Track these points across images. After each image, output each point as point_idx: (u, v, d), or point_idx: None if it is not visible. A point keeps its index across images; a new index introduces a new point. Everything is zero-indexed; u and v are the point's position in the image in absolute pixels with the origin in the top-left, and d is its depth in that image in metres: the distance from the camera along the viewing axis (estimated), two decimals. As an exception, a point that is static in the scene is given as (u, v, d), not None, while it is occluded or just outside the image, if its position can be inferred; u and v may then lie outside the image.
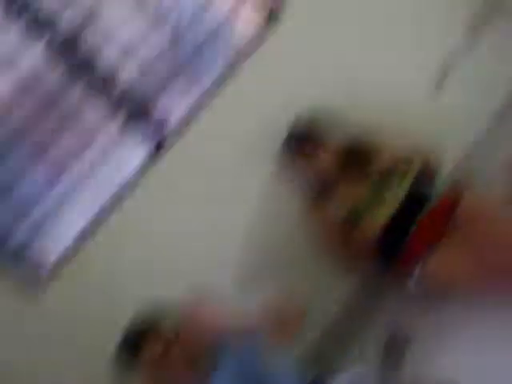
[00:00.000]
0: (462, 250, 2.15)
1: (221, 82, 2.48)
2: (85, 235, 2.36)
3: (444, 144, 2.45)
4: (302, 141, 2.42)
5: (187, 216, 2.45)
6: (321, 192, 2.45)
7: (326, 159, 2.38)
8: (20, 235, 2.31)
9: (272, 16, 2.50)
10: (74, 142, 2.38)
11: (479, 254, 2.08)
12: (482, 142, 2.69)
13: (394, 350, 2.26)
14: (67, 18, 2.29)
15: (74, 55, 2.32)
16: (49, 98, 2.33)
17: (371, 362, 2.22)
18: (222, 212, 2.50)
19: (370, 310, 2.56)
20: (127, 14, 2.39)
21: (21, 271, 2.29)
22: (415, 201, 2.30)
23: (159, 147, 2.45)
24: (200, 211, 2.47)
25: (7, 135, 2.29)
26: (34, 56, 2.28)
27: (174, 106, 2.47)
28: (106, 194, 2.41)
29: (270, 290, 2.19)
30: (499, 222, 2.15)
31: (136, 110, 2.42)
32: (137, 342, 1.85)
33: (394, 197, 2.32)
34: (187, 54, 2.46)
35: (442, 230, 2.22)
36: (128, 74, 2.39)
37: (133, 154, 2.47)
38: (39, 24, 2.26)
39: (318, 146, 2.39)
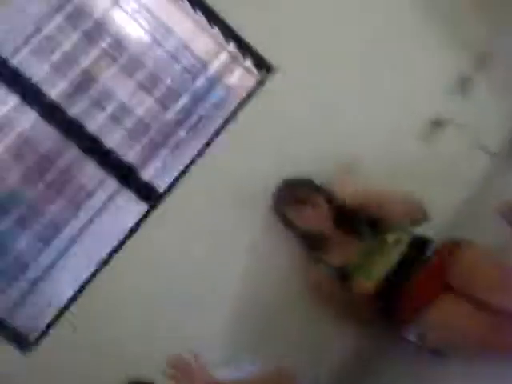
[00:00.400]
0: (459, 303, 2.09)
1: (211, 139, 2.48)
2: (76, 296, 2.33)
3: (436, 195, 2.41)
4: (293, 192, 2.37)
5: (179, 277, 2.42)
6: (313, 247, 2.41)
7: (317, 213, 2.32)
8: (12, 296, 2.29)
9: (263, 72, 2.51)
10: (66, 204, 2.39)
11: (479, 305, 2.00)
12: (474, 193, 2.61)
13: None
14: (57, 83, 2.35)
15: (64, 120, 2.36)
16: (41, 161, 2.36)
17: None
18: (216, 271, 2.46)
19: (375, 369, 2.43)
20: (118, 77, 2.43)
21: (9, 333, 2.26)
22: (410, 258, 2.26)
23: (150, 209, 2.43)
24: (192, 272, 2.44)
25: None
26: (25, 121, 2.33)
27: (163, 169, 2.47)
28: (97, 256, 2.38)
29: (263, 358, 2.17)
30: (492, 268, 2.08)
31: (125, 172, 2.44)
32: None
33: (389, 255, 2.27)
34: (176, 115, 2.48)
35: (438, 285, 2.17)
36: (117, 137, 2.42)
37: (125, 214, 2.46)
38: (30, 90, 2.32)
39: (309, 199, 2.34)
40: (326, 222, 2.33)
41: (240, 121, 2.50)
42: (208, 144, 2.47)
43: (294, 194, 2.36)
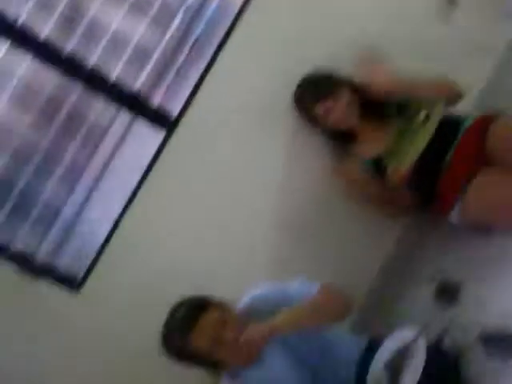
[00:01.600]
0: (500, 177, 2.04)
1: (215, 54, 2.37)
2: (113, 230, 2.37)
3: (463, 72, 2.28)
4: (315, 88, 2.28)
5: (209, 199, 2.41)
6: (342, 143, 2.35)
7: (342, 106, 2.23)
8: (48, 246, 2.34)
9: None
10: (83, 144, 2.36)
11: None
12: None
13: (445, 299, 2.16)
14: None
15: (61, 58, 2.28)
16: (48, 106, 2.31)
17: (421, 317, 2.13)
18: (246, 186, 2.45)
19: (416, 259, 2.44)
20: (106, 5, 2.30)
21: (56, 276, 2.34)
22: (444, 135, 2.19)
23: (167, 134, 2.38)
24: (222, 190, 2.42)
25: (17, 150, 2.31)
26: (22, 66, 2.25)
27: (172, 92, 2.39)
28: (125, 189, 2.39)
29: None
30: None
31: (135, 102, 2.36)
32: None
33: (422, 134, 2.22)
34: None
35: (476, 160, 2.12)
36: (119, 68, 2.33)
37: (144, 143, 2.43)
38: (19, 32, 2.23)
39: (333, 92, 2.24)
40: (352, 114, 2.26)
41: (242, 29, 2.36)
42: (213, 60, 2.36)
43: (316, 90, 2.26)
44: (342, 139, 2.36)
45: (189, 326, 1.74)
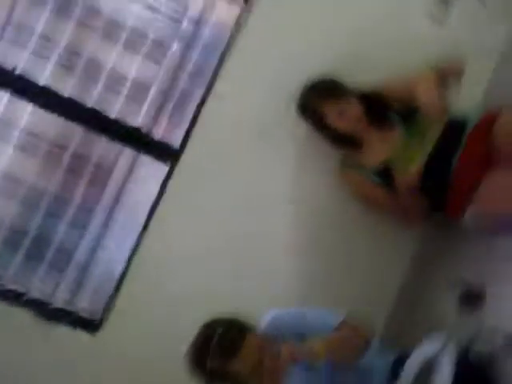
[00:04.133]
0: (509, 172, 2.00)
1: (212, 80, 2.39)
2: (128, 267, 2.37)
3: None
4: (322, 93, 2.25)
5: (220, 221, 2.41)
6: (348, 150, 2.32)
7: (349, 111, 2.21)
8: (64, 289, 2.35)
9: None
10: (90, 185, 2.38)
11: None
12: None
13: (470, 306, 2.10)
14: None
15: (60, 102, 2.32)
16: (52, 150, 2.34)
17: (447, 326, 2.08)
18: (256, 208, 2.43)
19: (435, 268, 2.38)
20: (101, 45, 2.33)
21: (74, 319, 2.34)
22: (450, 137, 2.17)
23: (171, 166, 2.40)
24: (232, 210, 2.41)
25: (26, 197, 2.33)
26: (23, 115, 2.29)
27: (173, 124, 2.40)
28: (136, 225, 2.40)
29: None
30: None
31: (137, 138, 2.39)
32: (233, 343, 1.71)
33: (429, 138, 2.19)
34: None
35: (484, 158, 2.09)
36: (118, 106, 2.36)
37: (150, 178, 2.44)
38: (17, 81, 2.28)
39: (339, 97, 2.23)
40: (359, 119, 2.23)
41: (237, 51, 2.38)
42: (210, 85, 2.38)
43: (326, 92, 2.23)
44: (347, 146, 2.33)
45: (233, 350, 1.68)
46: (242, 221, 2.41)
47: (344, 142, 2.31)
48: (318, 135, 2.34)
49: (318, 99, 2.23)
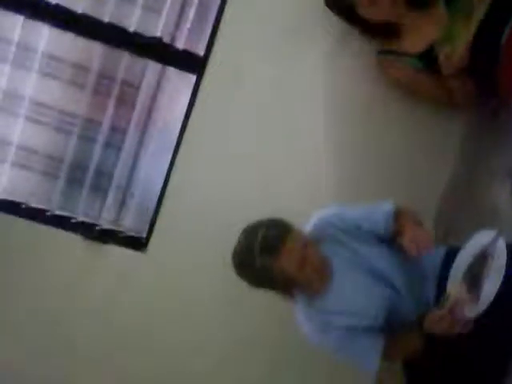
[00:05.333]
0: None
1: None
2: (167, 184, 2.35)
3: None
4: None
5: (256, 126, 2.33)
6: (389, 39, 2.14)
7: None
8: (108, 210, 2.37)
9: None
10: (119, 105, 2.32)
11: None
12: None
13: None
14: None
15: (76, 21, 2.23)
16: (75, 71, 2.28)
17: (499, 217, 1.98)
18: (290, 110, 2.32)
19: (485, 157, 2.24)
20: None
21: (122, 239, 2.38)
22: (498, 10, 1.95)
23: (199, 76, 2.30)
24: (268, 113, 2.32)
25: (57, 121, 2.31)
26: (41, 37, 2.22)
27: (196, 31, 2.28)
28: (171, 137, 2.36)
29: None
30: None
31: (161, 49, 2.28)
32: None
33: (476, 11, 1.98)
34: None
35: None
36: (136, 17, 2.24)
37: (179, 91, 2.36)
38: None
39: None
40: (394, 2, 2.03)
41: None
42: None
43: None
44: (385, 36, 2.15)
45: (277, 247, 1.68)
46: (276, 124, 2.33)
47: (381, 31, 2.12)
48: (351, 28, 2.15)
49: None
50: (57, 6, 2.21)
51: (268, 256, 1.68)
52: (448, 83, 2.09)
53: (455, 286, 1.69)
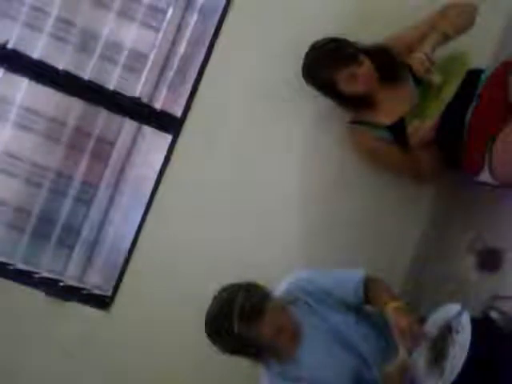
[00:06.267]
0: None
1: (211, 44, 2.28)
2: (136, 240, 2.32)
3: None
4: (332, 53, 2.11)
5: (228, 187, 2.34)
6: (360, 110, 2.22)
7: (363, 69, 2.09)
8: (73, 267, 2.32)
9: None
10: (93, 160, 2.33)
11: None
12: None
13: (488, 268, 2.03)
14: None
15: (56, 75, 2.24)
16: (51, 126, 2.28)
17: (464, 290, 2.02)
18: (263, 171, 2.35)
19: (452, 230, 2.30)
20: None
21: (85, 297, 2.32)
22: (465, 89, 2.06)
23: (174, 137, 2.32)
24: (240, 175, 2.35)
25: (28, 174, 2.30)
26: (19, 90, 2.23)
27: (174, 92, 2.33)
28: (143, 195, 2.35)
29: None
30: None
31: (138, 109, 2.31)
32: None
33: (441, 92, 2.09)
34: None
35: (500, 110, 1.95)
36: (116, 77, 2.28)
37: (154, 150, 2.38)
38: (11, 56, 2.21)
39: (351, 58, 2.09)
40: (371, 78, 2.12)
41: (236, 12, 2.26)
42: (210, 50, 2.27)
43: (336, 55, 2.10)
44: (359, 107, 2.22)
45: (258, 315, 1.66)
46: (249, 184, 2.34)
47: (357, 103, 2.21)
48: (327, 99, 2.24)
49: (327, 69, 2.11)
50: (39, 61, 2.23)
51: (247, 324, 1.66)
52: (416, 155, 2.17)
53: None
